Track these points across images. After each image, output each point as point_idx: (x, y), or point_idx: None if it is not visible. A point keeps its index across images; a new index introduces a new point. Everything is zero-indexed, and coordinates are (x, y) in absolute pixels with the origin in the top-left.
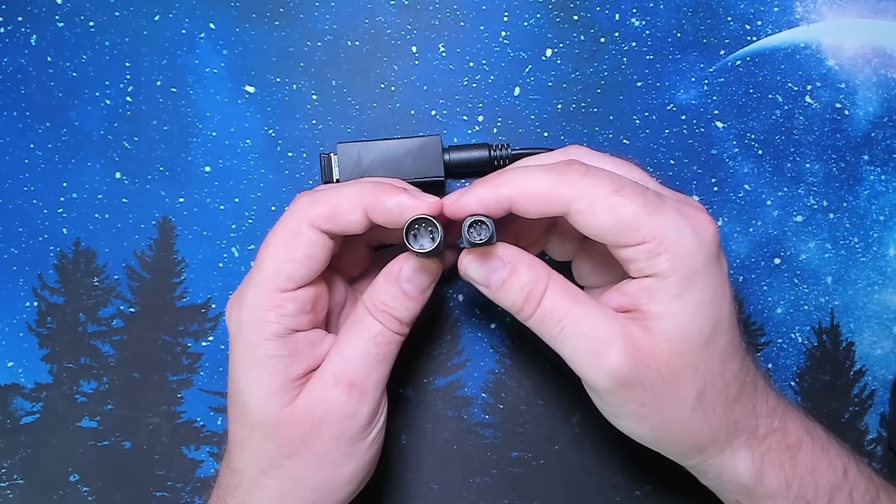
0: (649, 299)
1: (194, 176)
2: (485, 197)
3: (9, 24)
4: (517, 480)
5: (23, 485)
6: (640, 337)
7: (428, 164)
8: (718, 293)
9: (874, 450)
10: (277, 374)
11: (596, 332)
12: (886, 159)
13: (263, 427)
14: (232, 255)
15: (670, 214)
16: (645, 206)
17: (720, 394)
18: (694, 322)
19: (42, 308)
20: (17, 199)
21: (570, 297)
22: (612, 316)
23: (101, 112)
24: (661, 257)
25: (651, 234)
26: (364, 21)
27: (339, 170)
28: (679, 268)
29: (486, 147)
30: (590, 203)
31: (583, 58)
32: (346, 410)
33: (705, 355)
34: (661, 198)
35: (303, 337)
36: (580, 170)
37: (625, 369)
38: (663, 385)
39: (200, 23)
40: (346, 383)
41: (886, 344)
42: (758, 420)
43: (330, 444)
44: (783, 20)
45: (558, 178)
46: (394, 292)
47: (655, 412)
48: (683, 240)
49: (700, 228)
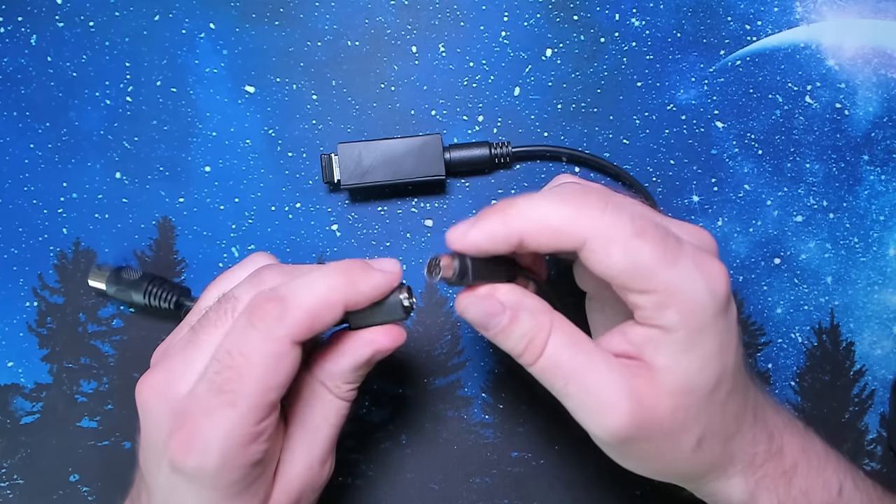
0: (655, 351)
1: (194, 176)
2: (494, 232)
3: (9, 24)
4: (517, 480)
5: (23, 485)
6: (645, 392)
7: (428, 163)
8: (725, 343)
9: (874, 450)
10: (256, 496)
11: (600, 391)
12: (886, 159)
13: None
14: (232, 255)
15: (687, 266)
16: (664, 256)
17: (719, 433)
18: (701, 375)
19: (42, 308)
20: (17, 199)
21: (573, 348)
22: (616, 370)
23: (101, 112)
24: (670, 310)
25: (664, 284)
26: (364, 21)
27: (339, 170)
28: (689, 322)
29: (486, 145)
30: (606, 243)
31: (583, 58)
32: (321, 485)
33: (708, 403)
34: (679, 246)
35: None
36: (598, 204)
37: (629, 429)
38: (665, 437)
39: (200, 23)
40: (323, 469)
41: (886, 344)
42: (755, 449)
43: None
44: (783, 20)
45: (576, 212)
46: (361, 372)
47: (656, 459)
48: (696, 294)
49: (714, 280)
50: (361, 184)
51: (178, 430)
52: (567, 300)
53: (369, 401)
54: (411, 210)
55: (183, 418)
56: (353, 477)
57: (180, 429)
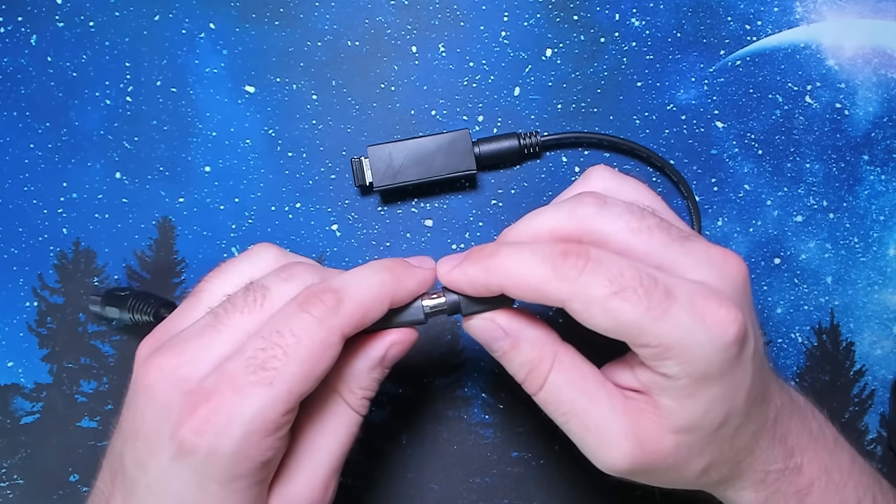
0: (660, 392)
1: (194, 176)
2: (475, 279)
3: (9, 24)
4: (517, 480)
5: (23, 485)
6: (648, 430)
7: (459, 158)
8: (735, 384)
9: (874, 450)
10: (258, 500)
11: (601, 432)
12: (886, 159)
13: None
14: (232, 255)
15: (681, 317)
16: (648, 311)
17: (728, 462)
18: (706, 417)
19: (42, 308)
20: (17, 199)
21: (576, 386)
22: (620, 410)
23: (101, 112)
24: (669, 361)
25: (656, 340)
26: (364, 21)
27: (371, 172)
28: (691, 372)
29: (515, 136)
30: (585, 305)
31: (583, 58)
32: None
33: (715, 439)
34: (670, 296)
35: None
36: (577, 265)
37: (629, 467)
38: (668, 469)
39: (200, 23)
40: (325, 495)
41: (886, 344)
42: (769, 467)
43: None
44: (783, 20)
45: (551, 273)
46: (376, 376)
47: (661, 482)
48: (695, 346)
49: (716, 328)
50: (394, 184)
51: (196, 410)
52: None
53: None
54: (411, 210)
55: (205, 396)
56: (353, 477)
57: (198, 408)
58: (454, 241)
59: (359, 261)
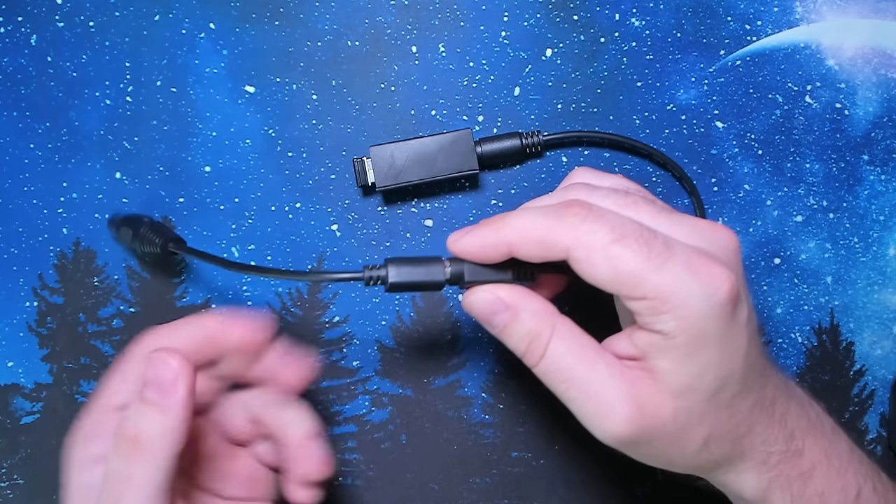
0: (657, 355)
1: (194, 176)
2: (484, 241)
3: (9, 24)
4: (517, 480)
5: (23, 485)
6: (647, 396)
7: (461, 158)
8: (732, 347)
9: (874, 450)
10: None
11: (601, 398)
12: (886, 159)
13: None
14: (232, 255)
15: (677, 271)
16: (648, 260)
17: (727, 434)
18: (703, 379)
19: (42, 308)
20: (17, 199)
21: (575, 353)
22: (619, 376)
23: (101, 112)
24: (665, 315)
25: (653, 290)
26: (364, 21)
27: (374, 173)
28: (687, 329)
29: (517, 136)
30: (587, 252)
31: (583, 58)
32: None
33: (712, 406)
34: (669, 248)
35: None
36: (579, 213)
37: (630, 433)
38: (668, 439)
39: (200, 23)
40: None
41: (886, 344)
42: (770, 448)
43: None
44: (783, 20)
45: (555, 222)
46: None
47: (662, 457)
48: (691, 300)
49: (711, 284)
50: (397, 184)
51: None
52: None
53: (369, 401)
54: (411, 210)
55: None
56: (353, 477)
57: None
58: None
59: (359, 261)
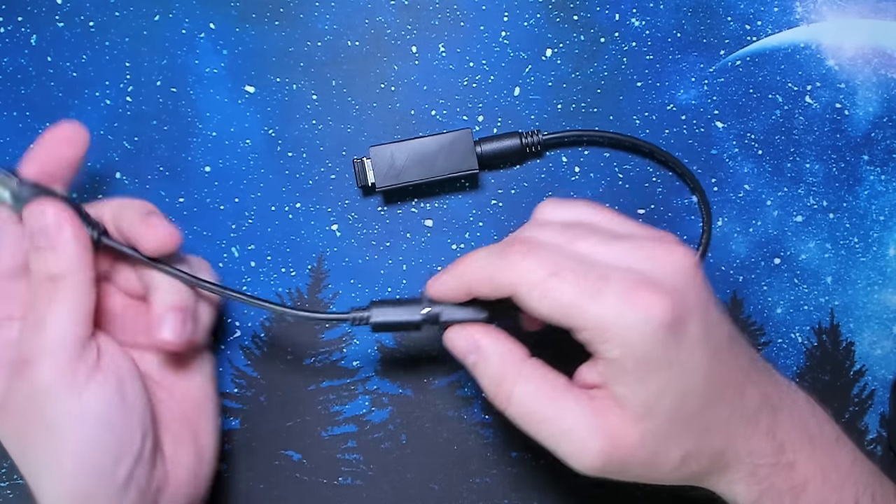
0: (614, 380)
1: (194, 176)
2: (446, 284)
3: (9, 24)
4: (517, 480)
5: (23, 485)
6: (615, 427)
7: (461, 158)
8: (687, 367)
9: (874, 450)
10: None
11: (573, 434)
12: (886, 159)
13: None
14: (232, 255)
15: (613, 299)
16: (584, 291)
17: (704, 449)
18: (661, 401)
19: None
20: None
21: (544, 395)
22: (589, 411)
23: (101, 112)
24: (608, 344)
25: (592, 321)
26: (364, 21)
27: (374, 173)
28: (632, 354)
29: (517, 135)
30: (528, 288)
31: (583, 58)
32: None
33: (677, 425)
34: (603, 278)
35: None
36: (520, 251)
37: (604, 465)
38: (642, 463)
39: (200, 23)
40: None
41: (886, 344)
42: (757, 461)
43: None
44: (783, 20)
45: (499, 261)
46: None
47: (645, 479)
48: (629, 327)
49: (647, 311)
50: (397, 184)
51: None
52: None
53: (369, 401)
54: (411, 210)
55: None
56: (353, 477)
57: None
58: (454, 241)
59: (359, 261)
